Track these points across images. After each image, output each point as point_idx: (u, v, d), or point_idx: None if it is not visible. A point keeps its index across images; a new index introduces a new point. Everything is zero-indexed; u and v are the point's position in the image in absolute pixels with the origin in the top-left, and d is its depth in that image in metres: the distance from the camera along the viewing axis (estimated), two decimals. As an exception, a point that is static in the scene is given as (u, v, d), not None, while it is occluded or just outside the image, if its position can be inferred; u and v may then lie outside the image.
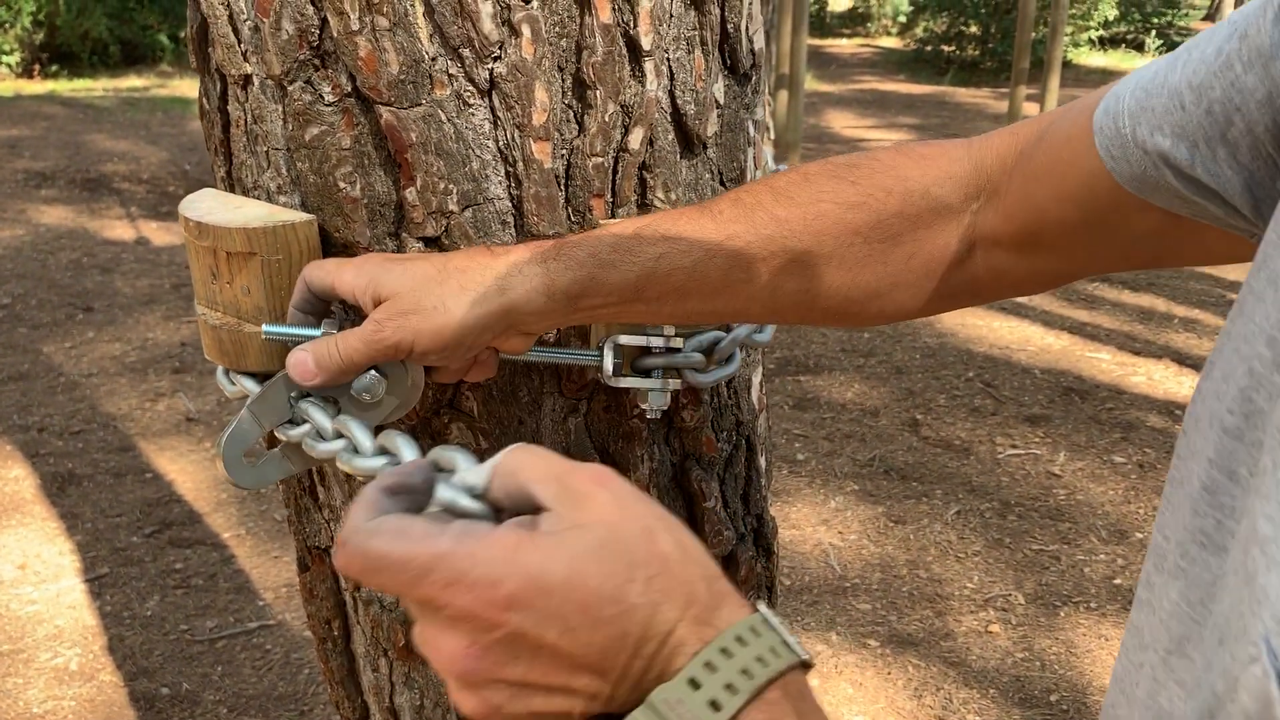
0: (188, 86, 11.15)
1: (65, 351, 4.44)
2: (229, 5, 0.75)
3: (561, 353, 0.81)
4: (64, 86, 10.96)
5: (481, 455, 0.85)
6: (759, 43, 0.87)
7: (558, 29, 0.75)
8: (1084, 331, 4.59)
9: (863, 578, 2.95)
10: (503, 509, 0.50)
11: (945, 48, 12.73)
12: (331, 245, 0.79)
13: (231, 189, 0.84)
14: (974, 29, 12.47)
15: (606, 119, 0.78)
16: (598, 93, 0.77)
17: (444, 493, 0.50)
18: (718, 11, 0.81)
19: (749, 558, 1.00)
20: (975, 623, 2.73)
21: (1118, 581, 2.90)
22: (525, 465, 0.49)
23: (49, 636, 2.68)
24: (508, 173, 0.77)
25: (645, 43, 0.77)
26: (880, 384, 4.12)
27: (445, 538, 0.45)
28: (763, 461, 1.02)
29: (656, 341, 0.81)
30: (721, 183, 0.87)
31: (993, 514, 3.24)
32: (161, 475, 3.46)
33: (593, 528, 0.46)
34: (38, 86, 10.89)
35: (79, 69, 11.68)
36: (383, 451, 0.71)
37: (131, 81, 11.43)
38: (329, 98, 0.74)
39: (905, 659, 2.61)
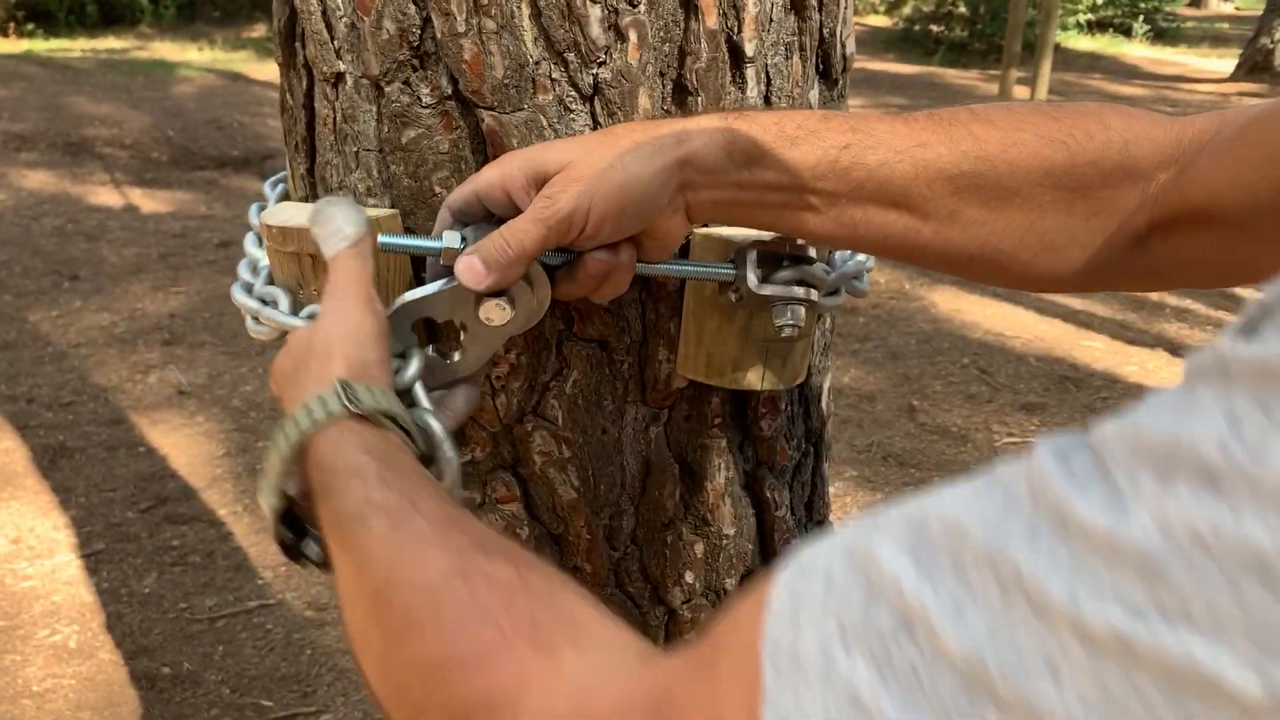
0: (168, 49, 10.98)
1: (52, 321, 4.38)
2: (323, 0, 0.73)
3: (698, 265, 0.76)
4: (40, 46, 10.77)
5: (564, 464, 0.83)
6: (851, 47, 0.85)
7: (662, 33, 0.73)
8: (1077, 319, 4.61)
9: (863, 564, 2.96)
10: None
11: (934, 27, 12.70)
12: (417, 248, 0.77)
13: (312, 187, 0.82)
14: (962, 9, 12.44)
15: (706, 126, 0.76)
16: (699, 99, 0.75)
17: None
18: (818, 16, 0.80)
19: (811, 564, 1.00)
20: (976, 611, 2.75)
21: (1115, 571, 2.92)
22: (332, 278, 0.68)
23: (46, 613, 2.65)
24: (605, 179, 0.75)
25: (749, 49, 0.75)
26: (876, 369, 4.13)
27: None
28: (827, 470, 1.01)
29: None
30: (807, 189, 0.86)
31: (990, 502, 3.26)
32: (155, 449, 3.42)
33: (296, 333, 0.68)
34: (13, 45, 10.70)
35: (55, 28, 11.48)
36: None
37: (110, 43, 11.25)
38: (427, 100, 0.72)
39: (907, 646, 2.62)
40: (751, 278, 0.75)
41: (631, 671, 0.44)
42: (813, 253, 0.78)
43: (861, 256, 0.82)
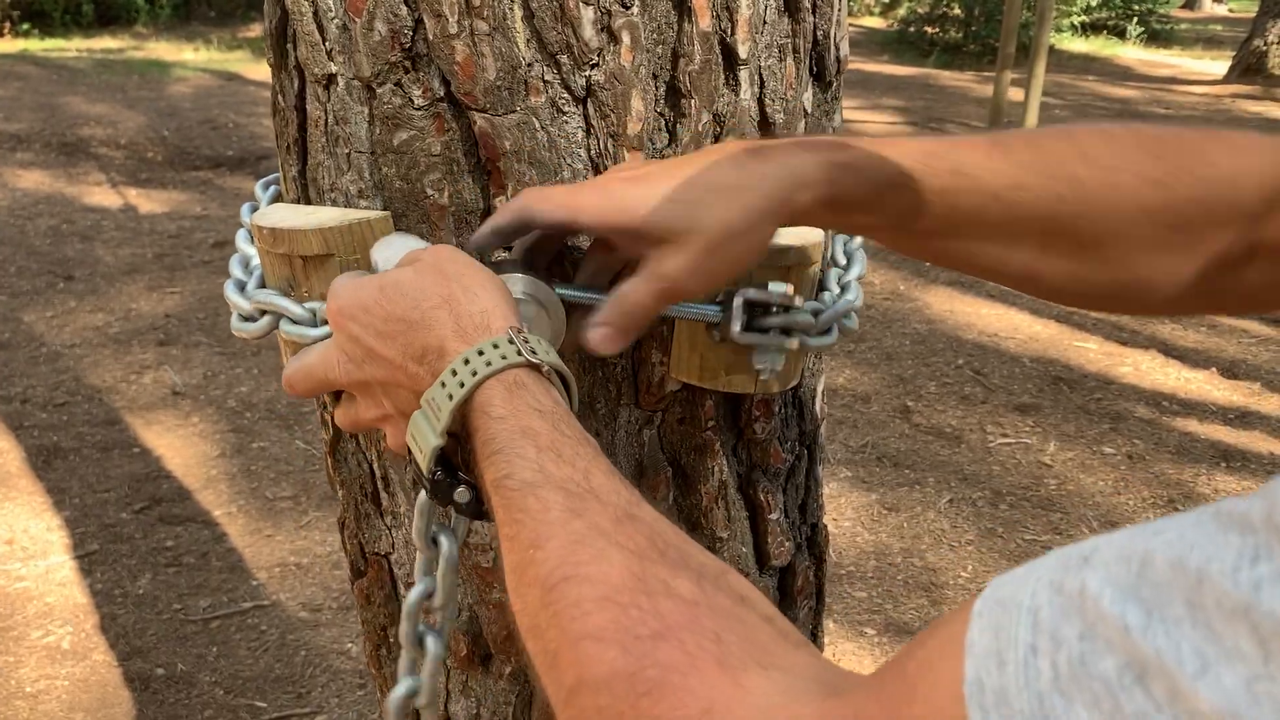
0: (164, 49, 10.96)
1: (46, 321, 4.37)
2: (314, 2, 0.73)
3: (685, 306, 0.76)
4: (36, 46, 10.75)
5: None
6: (845, 50, 0.85)
7: (655, 35, 0.73)
8: (1071, 320, 4.62)
9: (858, 565, 2.96)
10: None
11: (929, 29, 12.70)
12: (410, 250, 0.77)
13: (304, 189, 0.81)
14: (957, 11, 12.44)
15: (699, 129, 0.76)
16: (692, 102, 0.75)
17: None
18: (811, 19, 0.79)
19: (805, 567, 1.00)
20: (970, 612, 2.75)
21: (1109, 573, 2.92)
22: (415, 253, 0.69)
23: (39, 614, 2.65)
24: (598, 182, 0.75)
25: (742, 51, 0.75)
26: (871, 370, 4.13)
27: (350, 279, 0.68)
28: (821, 472, 1.01)
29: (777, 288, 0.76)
30: (801, 192, 0.86)
31: (985, 503, 3.26)
32: (149, 450, 3.42)
33: (402, 271, 0.65)
34: (9, 45, 10.68)
35: (50, 28, 11.46)
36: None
37: (106, 43, 11.23)
38: (419, 101, 0.72)
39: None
40: (735, 326, 0.75)
41: (817, 699, 0.43)
42: (799, 301, 0.77)
43: (851, 295, 0.82)
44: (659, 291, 0.66)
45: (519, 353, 0.60)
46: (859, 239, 0.90)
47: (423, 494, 0.67)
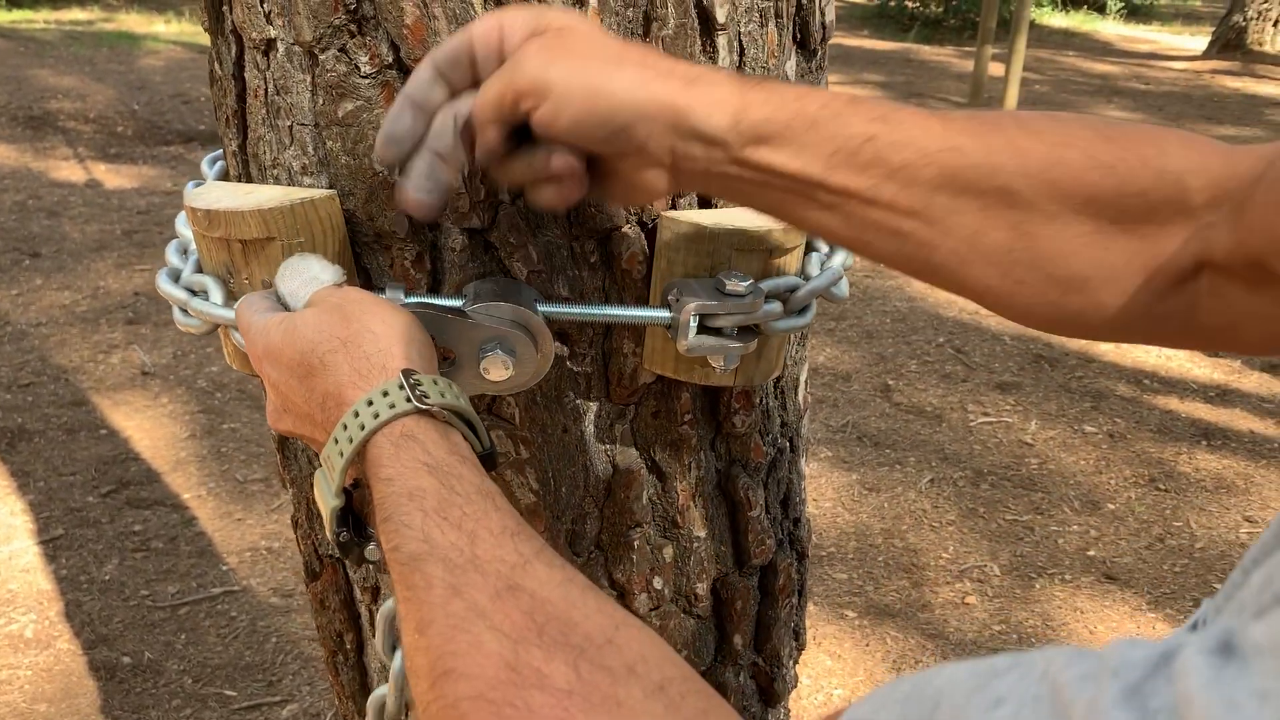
0: (134, 21, 10.75)
1: (12, 299, 4.27)
2: (251, -41, 0.66)
3: (633, 312, 0.70)
4: (3, 17, 10.53)
5: (521, 465, 0.78)
6: (830, 15, 0.79)
7: (625, -2, 0.67)
8: (1053, 298, 4.58)
9: (838, 546, 2.93)
10: None
11: (909, 3, 12.62)
12: (360, 232, 0.71)
13: (245, 165, 0.75)
14: (937, -15, 12.37)
15: (674, 100, 0.70)
16: (665, 70, 0.69)
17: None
18: (794, -18, 0.74)
19: (787, 564, 0.95)
20: (952, 594, 2.72)
21: (1091, 553, 2.90)
22: (322, 293, 0.66)
23: (1, 601, 2.58)
24: (564, 158, 0.69)
25: (719, 14, 0.69)
26: (851, 348, 4.09)
27: (258, 317, 0.66)
28: (804, 464, 0.96)
29: (734, 286, 0.70)
30: (783, 169, 0.80)
31: (966, 483, 3.23)
32: (117, 432, 3.34)
33: (304, 313, 0.64)
34: (-25, 17, 10.45)
35: (18, -1, 11.23)
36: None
37: (74, 14, 11.01)
38: (366, 69, 0.66)
39: (883, 630, 2.59)
40: (687, 339, 0.69)
41: None
42: (756, 300, 0.71)
43: (836, 264, 0.76)
44: (502, 75, 0.60)
45: (408, 399, 0.57)
46: None
47: (384, 607, 0.65)
